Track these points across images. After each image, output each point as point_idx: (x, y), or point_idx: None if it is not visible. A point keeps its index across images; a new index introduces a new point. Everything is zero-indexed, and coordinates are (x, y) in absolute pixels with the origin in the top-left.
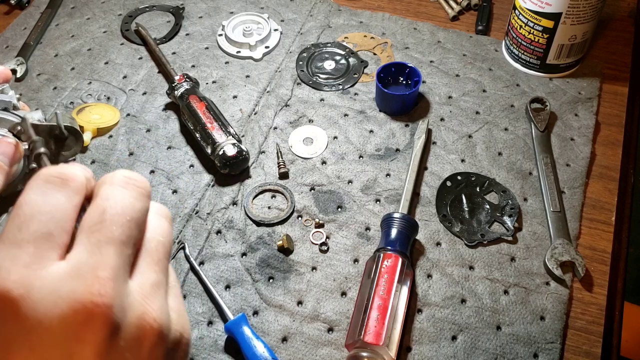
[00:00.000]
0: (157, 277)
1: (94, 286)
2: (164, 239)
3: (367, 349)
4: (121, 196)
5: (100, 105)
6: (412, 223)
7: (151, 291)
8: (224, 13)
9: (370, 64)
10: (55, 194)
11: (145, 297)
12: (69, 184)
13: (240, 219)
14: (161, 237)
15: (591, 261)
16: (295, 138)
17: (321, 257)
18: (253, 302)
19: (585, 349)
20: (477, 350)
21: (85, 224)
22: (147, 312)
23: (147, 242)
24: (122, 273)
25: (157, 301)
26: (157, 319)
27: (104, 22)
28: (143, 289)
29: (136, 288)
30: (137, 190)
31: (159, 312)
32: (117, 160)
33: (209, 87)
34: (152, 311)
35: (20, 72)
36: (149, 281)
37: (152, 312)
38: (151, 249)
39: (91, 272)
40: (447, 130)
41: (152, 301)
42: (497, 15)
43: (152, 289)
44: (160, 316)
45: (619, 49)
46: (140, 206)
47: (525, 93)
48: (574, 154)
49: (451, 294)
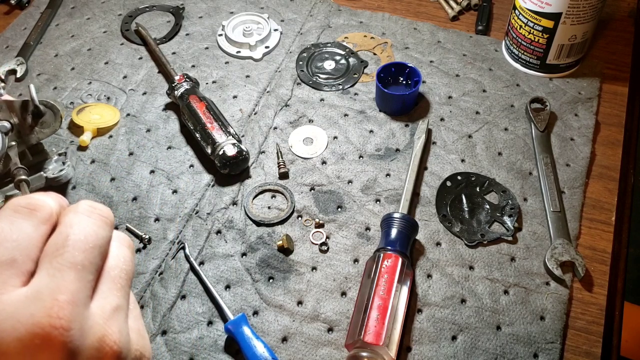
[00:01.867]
0: (119, 301)
1: (52, 309)
2: (126, 267)
3: (367, 349)
4: (85, 224)
5: (100, 105)
6: (412, 223)
7: (112, 314)
8: (224, 13)
9: (370, 64)
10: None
11: (105, 320)
12: (36, 213)
13: (240, 219)
14: (124, 265)
15: (591, 261)
16: (295, 138)
17: (321, 257)
18: (253, 302)
19: (585, 349)
20: (477, 350)
21: (49, 250)
22: (107, 334)
23: (110, 269)
24: (83, 297)
25: (117, 324)
26: (117, 341)
27: (104, 22)
28: (104, 313)
29: (97, 312)
30: (100, 219)
31: (118, 334)
32: (117, 160)
33: (209, 87)
34: (112, 334)
35: (20, 72)
36: (110, 305)
37: (112, 335)
38: (114, 276)
39: (50, 296)
40: (447, 130)
41: (113, 324)
42: (497, 15)
43: (112, 313)
44: (120, 338)
45: (619, 49)
46: (103, 234)
47: (525, 93)
48: (574, 154)
49: (451, 294)
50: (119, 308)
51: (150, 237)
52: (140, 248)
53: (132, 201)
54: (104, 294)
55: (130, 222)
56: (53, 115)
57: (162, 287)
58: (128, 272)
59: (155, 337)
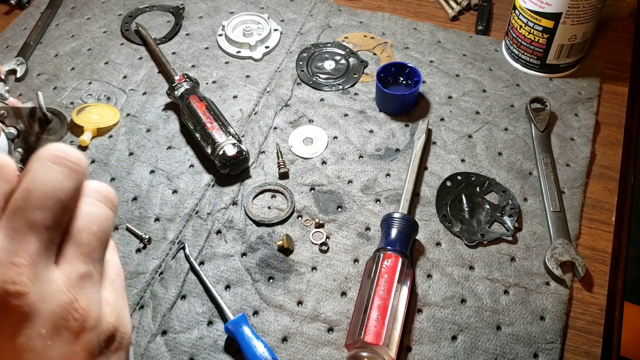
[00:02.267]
0: (87, 268)
1: (7, 273)
2: (99, 228)
3: (367, 349)
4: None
5: (100, 105)
6: (412, 223)
7: (78, 281)
8: (224, 13)
9: (370, 64)
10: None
11: (70, 286)
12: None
13: (240, 219)
14: (95, 227)
15: (591, 261)
16: (295, 138)
17: (321, 257)
18: (253, 302)
19: (585, 349)
20: (477, 350)
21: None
22: (71, 301)
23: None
24: (43, 259)
25: (83, 292)
26: (82, 309)
27: (104, 22)
28: (69, 279)
29: (61, 277)
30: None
31: (85, 302)
32: (117, 160)
33: (209, 87)
34: (76, 301)
35: (20, 72)
36: (77, 271)
37: (76, 302)
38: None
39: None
40: (447, 130)
41: (78, 291)
42: (497, 15)
43: (79, 280)
44: (87, 306)
45: (619, 49)
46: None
47: (525, 93)
48: (574, 154)
49: (451, 294)
50: (87, 275)
51: (150, 237)
52: (140, 248)
53: (132, 201)
54: (70, 259)
55: (130, 222)
56: (59, 122)
57: (162, 287)
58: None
59: (155, 337)
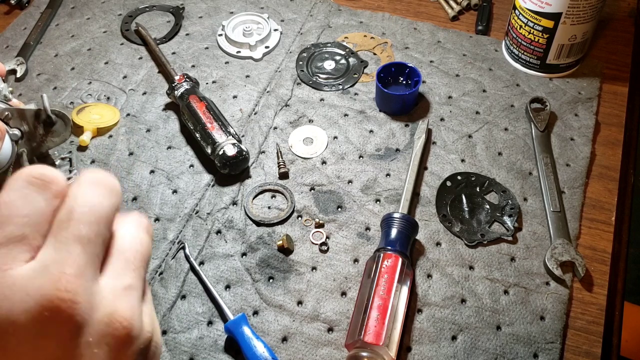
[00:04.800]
0: (132, 281)
1: (59, 282)
2: (142, 249)
3: (367, 349)
4: (89, 195)
5: (100, 105)
6: (412, 223)
7: (123, 292)
8: (224, 13)
9: (370, 64)
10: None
11: (116, 297)
12: (50, 187)
13: (240, 219)
14: (139, 247)
15: (591, 261)
16: (295, 138)
17: (321, 257)
18: (253, 302)
19: (585, 349)
20: (477, 350)
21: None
22: (117, 310)
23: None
24: (91, 271)
25: (128, 302)
26: (128, 319)
27: (104, 22)
28: (115, 289)
29: (108, 288)
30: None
31: (129, 312)
32: (117, 160)
33: (209, 87)
34: (122, 310)
35: (20, 72)
36: (122, 284)
37: (122, 312)
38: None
39: (58, 269)
40: (447, 130)
41: (124, 301)
42: (497, 15)
43: (124, 291)
44: (132, 316)
45: (619, 49)
46: (109, 203)
47: (525, 93)
48: (574, 154)
49: (451, 294)
50: (131, 287)
51: None
52: None
53: (132, 201)
54: (116, 273)
55: None
56: (63, 124)
57: (162, 287)
58: (144, 255)
59: None
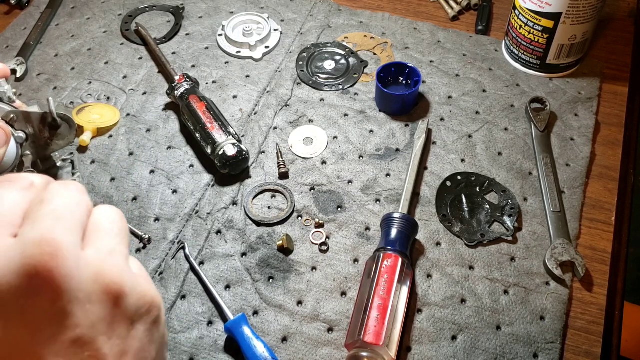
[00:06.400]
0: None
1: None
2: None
3: (367, 349)
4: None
5: (100, 105)
6: (412, 223)
7: (108, 254)
8: (224, 13)
9: (370, 64)
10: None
11: (102, 259)
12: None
13: (240, 219)
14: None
15: (591, 261)
16: (295, 138)
17: (321, 257)
18: (253, 302)
19: (585, 349)
20: (477, 350)
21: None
22: (104, 269)
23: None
24: (71, 238)
25: (113, 261)
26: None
27: (104, 22)
28: (99, 254)
29: (92, 254)
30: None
31: (116, 268)
32: (117, 160)
33: (209, 87)
34: (109, 267)
35: (20, 72)
36: (106, 247)
37: (109, 268)
38: (106, 227)
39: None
40: (447, 130)
41: (109, 260)
42: (497, 15)
43: (108, 253)
44: (119, 272)
45: (619, 49)
46: (79, 197)
47: (525, 93)
48: (574, 154)
49: (451, 294)
50: (115, 250)
51: (150, 237)
52: (140, 248)
53: (132, 201)
54: (98, 241)
55: (130, 222)
56: (68, 128)
57: (162, 287)
58: (120, 225)
59: None
